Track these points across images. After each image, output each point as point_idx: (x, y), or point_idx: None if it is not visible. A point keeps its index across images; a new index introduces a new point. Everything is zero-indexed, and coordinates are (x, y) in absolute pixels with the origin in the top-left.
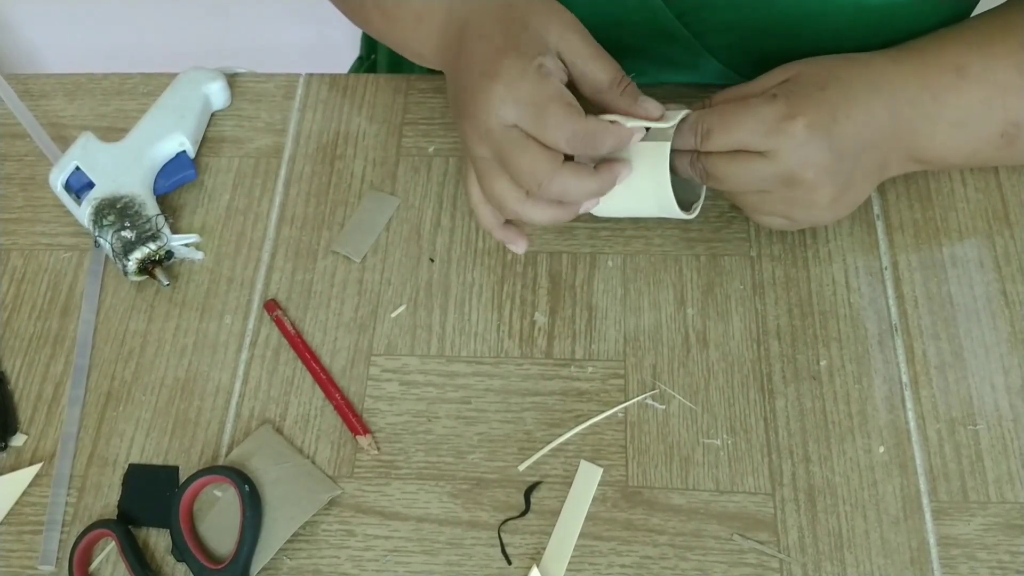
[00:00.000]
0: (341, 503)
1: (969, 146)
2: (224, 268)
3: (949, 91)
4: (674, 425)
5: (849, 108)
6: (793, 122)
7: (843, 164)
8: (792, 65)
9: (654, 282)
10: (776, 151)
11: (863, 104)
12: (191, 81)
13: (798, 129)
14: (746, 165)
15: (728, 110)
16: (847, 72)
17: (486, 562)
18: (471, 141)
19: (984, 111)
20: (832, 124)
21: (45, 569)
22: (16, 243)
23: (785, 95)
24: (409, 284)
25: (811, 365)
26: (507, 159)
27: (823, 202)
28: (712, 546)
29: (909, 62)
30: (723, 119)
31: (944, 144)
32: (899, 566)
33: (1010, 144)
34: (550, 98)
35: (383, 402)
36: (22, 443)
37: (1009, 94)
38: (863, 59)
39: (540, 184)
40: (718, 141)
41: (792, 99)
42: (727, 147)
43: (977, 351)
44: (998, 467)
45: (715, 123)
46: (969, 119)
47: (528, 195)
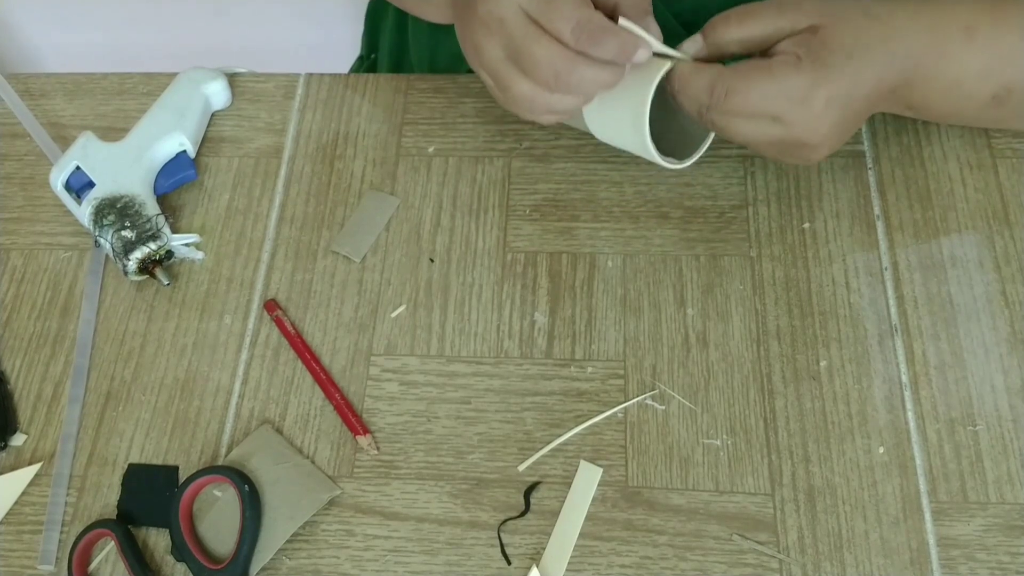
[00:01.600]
0: (341, 503)
1: (960, 103)
2: (224, 268)
3: (955, 52)
4: (674, 425)
5: (868, 78)
6: (816, 97)
7: (847, 125)
8: (815, 6)
9: (654, 282)
10: (793, 121)
11: (880, 72)
12: (191, 81)
13: (819, 104)
14: (759, 127)
15: (751, 75)
16: (871, 36)
17: (486, 562)
18: (483, 42)
19: (982, 75)
20: (849, 99)
21: (44, 569)
22: (16, 243)
23: (811, 61)
24: (409, 284)
25: (811, 365)
26: (521, 51)
27: (820, 157)
28: (712, 546)
29: (924, 18)
30: (746, 84)
31: (936, 99)
32: (899, 566)
33: (999, 106)
34: None
35: (383, 402)
36: (22, 443)
37: (1009, 60)
38: (885, 17)
39: (559, 75)
40: (737, 105)
41: (818, 68)
42: (745, 112)
43: (977, 351)
44: (998, 468)
45: (737, 87)
46: (966, 80)
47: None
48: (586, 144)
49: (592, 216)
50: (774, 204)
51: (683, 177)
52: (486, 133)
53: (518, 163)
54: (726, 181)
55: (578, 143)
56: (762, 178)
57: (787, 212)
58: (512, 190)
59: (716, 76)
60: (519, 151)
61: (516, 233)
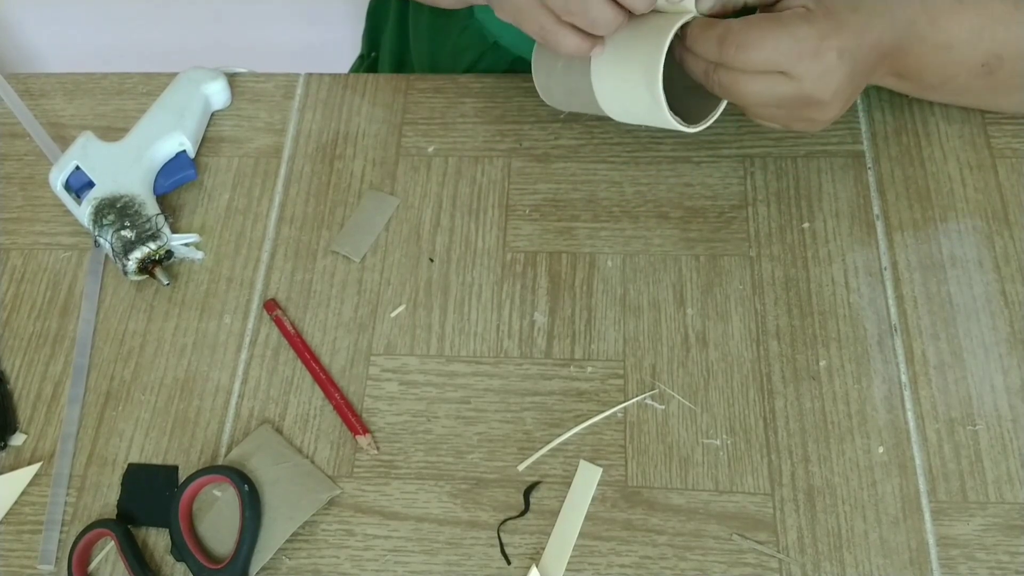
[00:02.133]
0: (340, 503)
1: (950, 70)
2: (224, 268)
3: (945, 15)
4: (673, 425)
5: (872, 33)
6: (827, 48)
7: (853, 86)
8: None
9: (653, 282)
10: (803, 75)
11: (880, 30)
12: (191, 81)
13: (831, 56)
14: (768, 85)
15: (763, 25)
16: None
17: (485, 562)
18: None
19: (973, 39)
20: (857, 51)
21: (44, 569)
22: (15, 243)
23: (822, 13)
24: (408, 284)
25: (810, 365)
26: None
27: (825, 119)
28: (711, 546)
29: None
30: (759, 35)
31: (927, 64)
32: (898, 566)
33: (989, 74)
34: None
35: (382, 402)
36: (21, 442)
37: (999, 25)
38: None
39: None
40: (748, 58)
41: (828, 19)
42: (755, 66)
43: (976, 351)
44: (997, 467)
45: (749, 39)
46: (957, 44)
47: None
48: (586, 144)
49: (592, 216)
50: (774, 204)
51: (683, 177)
52: (486, 133)
53: (518, 163)
54: (726, 181)
55: (578, 143)
56: (762, 178)
57: (787, 212)
58: (512, 190)
59: (726, 29)
60: (519, 151)
61: (516, 233)
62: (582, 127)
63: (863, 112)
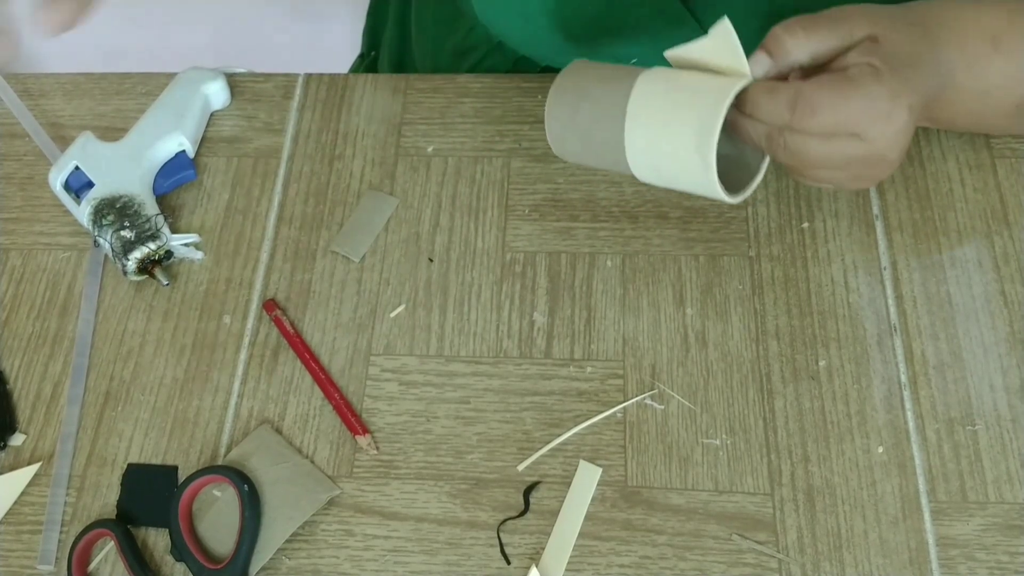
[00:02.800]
0: (340, 503)
1: (983, 113)
2: (223, 268)
3: (982, 61)
4: (673, 425)
5: (926, 87)
6: (900, 107)
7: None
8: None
9: (653, 282)
10: (877, 136)
11: (931, 81)
12: (190, 81)
13: (903, 115)
14: (840, 147)
15: (836, 87)
16: (921, 46)
17: (485, 562)
18: None
19: (1008, 83)
20: (920, 109)
21: (44, 569)
22: (15, 243)
23: (889, 72)
24: (408, 284)
25: (810, 365)
26: None
27: (888, 174)
28: (711, 546)
29: (956, 28)
30: (832, 98)
31: (962, 111)
32: (898, 566)
33: (1020, 114)
34: None
35: (382, 402)
36: (21, 443)
37: None
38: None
39: None
40: (822, 122)
41: (896, 78)
42: (829, 129)
43: (976, 351)
44: (997, 467)
45: (822, 102)
46: (993, 90)
47: None
48: None
49: (591, 216)
50: (773, 204)
51: None
52: (485, 133)
53: (517, 163)
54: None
55: None
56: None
57: (786, 212)
58: (511, 190)
59: (797, 93)
60: (518, 151)
61: (515, 233)
62: None
63: None
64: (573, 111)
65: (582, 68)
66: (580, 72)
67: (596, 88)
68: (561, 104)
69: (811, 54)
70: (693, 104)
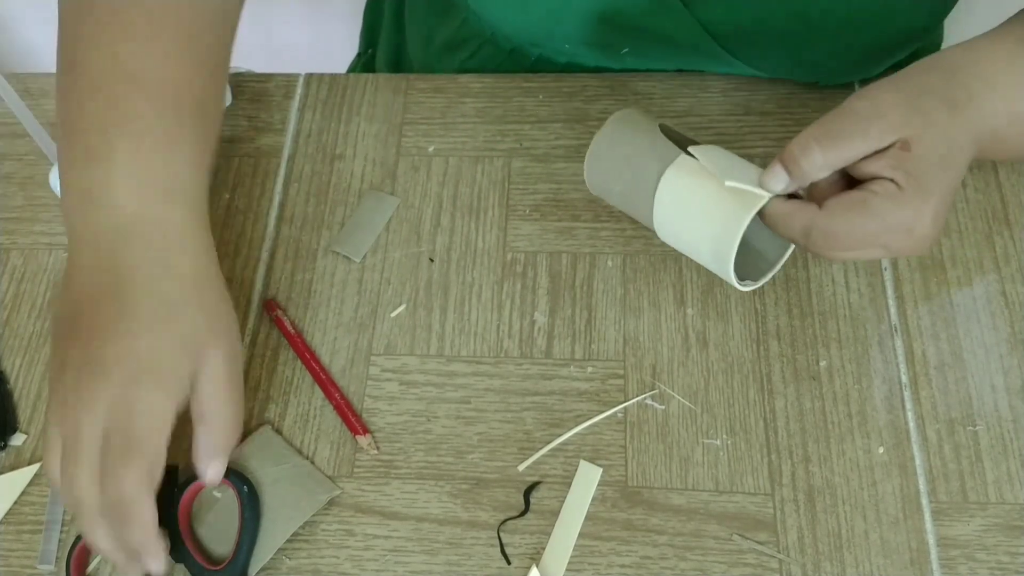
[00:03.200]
0: (340, 503)
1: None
2: (224, 268)
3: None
4: (673, 425)
5: (961, 172)
6: (921, 224)
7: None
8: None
9: (654, 282)
10: (899, 249)
11: (968, 158)
12: None
13: (925, 227)
14: (863, 255)
15: (851, 217)
16: (959, 131)
17: (485, 562)
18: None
19: None
20: (950, 204)
21: (44, 569)
22: (16, 242)
23: (913, 189)
24: (409, 284)
25: (811, 365)
26: None
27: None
28: (711, 546)
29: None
30: (846, 227)
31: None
32: (898, 566)
33: None
34: None
35: (383, 402)
36: (21, 442)
37: None
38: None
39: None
40: (839, 245)
41: (920, 193)
42: (847, 248)
43: (977, 351)
44: (998, 468)
45: (835, 231)
46: None
47: None
48: (586, 144)
49: (592, 216)
50: None
51: None
52: (486, 133)
53: (518, 163)
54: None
55: (578, 143)
56: None
57: None
58: (512, 190)
59: (812, 223)
60: (519, 151)
61: (516, 233)
62: (583, 127)
63: None
64: (607, 186)
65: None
66: (612, 144)
67: (628, 169)
68: (597, 172)
69: (832, 169)
70: (712, 223)
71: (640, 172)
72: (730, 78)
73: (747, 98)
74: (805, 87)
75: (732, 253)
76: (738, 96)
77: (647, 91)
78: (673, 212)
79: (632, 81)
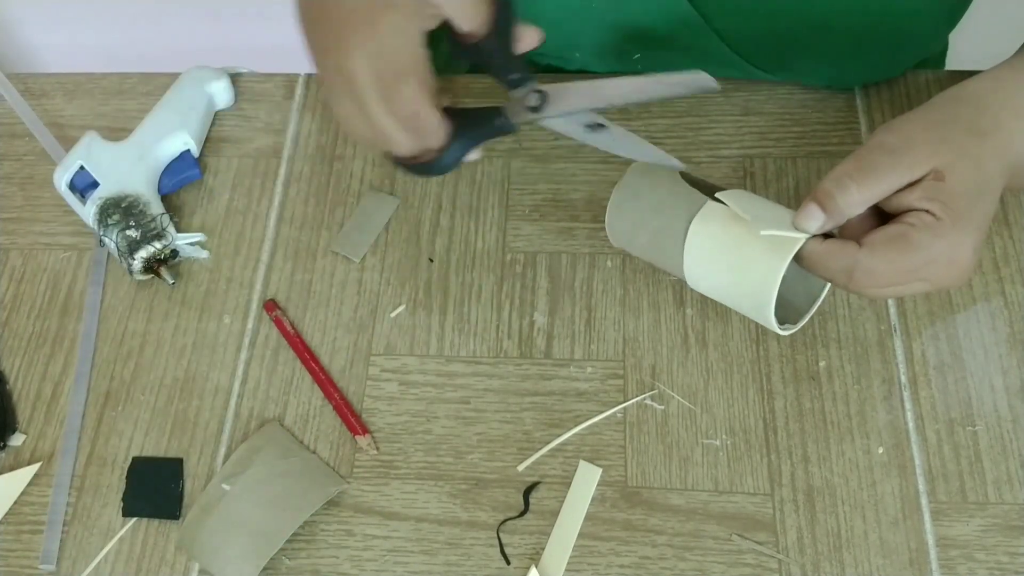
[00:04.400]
0: (340, 503)
1: None
2: (223, 268)
3: None
4: (673, 425)
5: (995, 200)
6: (962, 255)
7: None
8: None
9: (653, 282)
10: (940, 281)
11: (1001, 185)
12: (195, 80)
13: (965, 257)
14: (904, 289)
15: (891, 254)
16: (989, 157)
17: (485, 562)
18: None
19: None
20: (986, 231)
21: (44, 569)
22: (15, 243)
23: (951, 220)
24: (408, 284)
25: (810, 366)
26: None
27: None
28: (711, 546)
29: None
30: (887, 264)
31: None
32: (898, 567)
33: None
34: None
35: (382, 402)
36: (21, 443)
37: None
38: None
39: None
40: (882, 281)
41: (957, 224)
42: (890, 283)
43: (976, 352)
44: (997, 468)
45: (877, 269)
46: None
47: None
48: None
49: (592, 216)
50: None
51: None
52: None
53: (518, 163)
54: (725, 181)
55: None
56: (761, 178)
57: None
58: (512, 190)
59: (855, 262)
60: (519, 151)
61: (516, 233)
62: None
63: (863, 112)
64: (631, 237)
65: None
66: (635, 194)
67: (654, 219)
68: (620, 223)
69: (867, 204)
70: (748, 271)
71: (666, 222)
72: (729, 79)
73: (746, 99)
74: (804, 88)
75: (772, 300)
76: (737, 97)
77: None
78: (705, 261)
79: None
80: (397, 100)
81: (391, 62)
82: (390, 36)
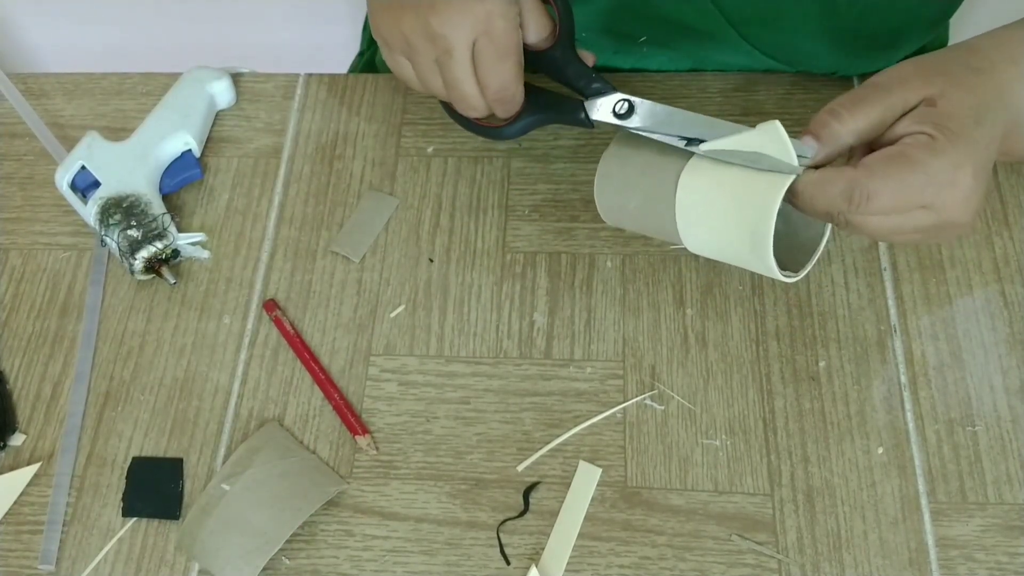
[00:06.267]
0: (340, 503)
1: None
2: (223, 268)
3: None
4: (673, 425)
5: (995, 136)
6: (963, 175)
7: (986, 188)
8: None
9: (653, 282)
10: (943, 205)
11: (1000, 126)
12: (196, 80)
13: (967, 181)
14: (905, 220)
15: (890, 172)
16: (986, 93)
17: (485, 562)
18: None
19: None
20: (989, 165)
21: (44, 569)
22: (15, 243)
23: (947, 139)
24: (408, 284)
25: (810, 366)
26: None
27: (969, 232)
28: (711, 546)
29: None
30: (887, 183)
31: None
32: (897, 567)
33: None
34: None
35: (382, 402)
36: (21, 443)
37: None
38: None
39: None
40: (883, 205)
41: (955, 143)
42: (892, 209)
43: (976, 352)
44: (997, 468)
45: (878, 188)
46: None
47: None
48: (586, 144)
49: (592, 216)
50: None
51: None
52: None
53: (517, 163)
54: None
55: (577, 143)
56: None
57: None
58: (511, 190)
59: (852, 182)
60: (518, 151)
61: (515, 233)
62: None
63: None
64: (622, 204)
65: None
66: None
67: (642, 180)
68: (609, 191)
69: (860, 134)
70: (742, 208)
71: (656, 179)
72: (728, 78)
73: (745, 98)
74: (803, 87)
75: (770, 234)
76: (737, 97)
77: (647, 91)
78: (698, 211)
79: (632, 81)
80: (493, 76)
81: (495, 41)
82: (498, 18)
